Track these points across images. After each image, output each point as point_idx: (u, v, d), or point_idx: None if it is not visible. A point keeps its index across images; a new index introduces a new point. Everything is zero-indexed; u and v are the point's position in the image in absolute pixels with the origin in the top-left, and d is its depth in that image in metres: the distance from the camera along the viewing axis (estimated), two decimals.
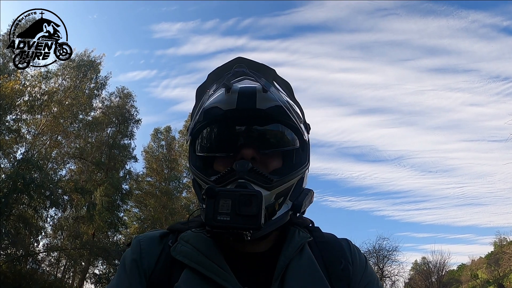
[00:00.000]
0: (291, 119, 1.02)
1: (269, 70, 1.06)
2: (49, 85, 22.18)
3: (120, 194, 24.31)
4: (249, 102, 1.00)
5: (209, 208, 0.83)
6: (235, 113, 1.01)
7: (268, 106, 1.00)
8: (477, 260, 49.32)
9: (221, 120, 1.02)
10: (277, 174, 0.97)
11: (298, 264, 0.95)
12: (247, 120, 1.01)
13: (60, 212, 21.83)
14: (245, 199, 0.83)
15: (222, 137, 1.04)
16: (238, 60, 1.05)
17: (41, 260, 21.42)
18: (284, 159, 1.04)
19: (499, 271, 41.33)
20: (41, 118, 21.61)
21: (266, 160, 0.99)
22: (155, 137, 31.20)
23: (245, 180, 0.91)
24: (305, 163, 1.04)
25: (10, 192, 17.19)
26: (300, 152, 1.05)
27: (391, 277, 27.24)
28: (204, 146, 1.06)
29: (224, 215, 0.82)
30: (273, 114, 1.01)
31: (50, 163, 22.46)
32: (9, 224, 17.98)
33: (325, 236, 1.09)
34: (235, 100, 1.00)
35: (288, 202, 0.99)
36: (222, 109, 1.01)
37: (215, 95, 1.04)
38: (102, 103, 27.05)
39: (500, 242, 43.64)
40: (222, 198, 0.83)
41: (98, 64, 25.25)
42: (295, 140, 1.05)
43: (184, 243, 0.96)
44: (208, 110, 1.02)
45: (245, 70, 1.02)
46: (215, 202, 0.83)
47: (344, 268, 1.00)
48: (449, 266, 39.02)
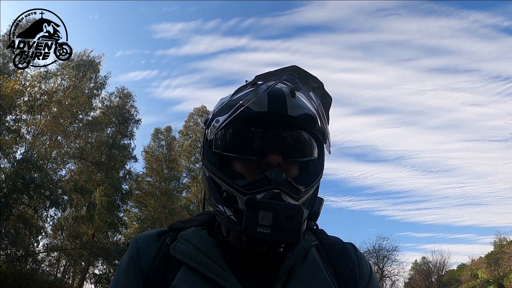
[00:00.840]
0: (317, 129, 1.03)
1: (316, 82, 1.02)
2: (48, 85, 22.18)
3: (120, 194, 24.31)
4: (280, 106, 0.99)
5: (249, 219, 0.83)
6: (265, 116, 0.99)
7: (299, 113, 1.00)
8: (477, 260, 49.34)
9: (250, 120, 1.00)
10: (297, 182, 0.96)
11: (302, 267, 0.94)
12: (277, 125, 1.00)
13: (60, 212, 21.88)
14: (287, 213, 0.83)
15: (250, 138, 1.01)
16: (292, 68, 0.99)
17: (41, 260, 21.44)
18: (302, 167, 1.04)
19: (499, 271, 41.36)
20: (41, 118, 21.60)
21: (287, 167, 0.98)
22: (156, 137, 31.23)
23: (279, 191, 0.90)
24: (321, 172, 1.05)
25: (10, 192, 17.19)
26: (316, 161, 1.06)
27: (391, 277, 27.26)
28: (227, 144, 1.02)
29: (264, 227, 0.82)
30: (302, 122, 1.00)
31: (50, 163, 22.47)
32: (9, 224, 17.99)
33: (331, 239, 1.10)
34: (266, 103, 0.99)
35: (305, 211, 0.98)
36: (253, 110, 0.98)
37: (243, 92, 1.01)
38: (102, 103, 27.09)
39: (500, 242, 43.66)
40: (263, 209, 0.83)
41: (98, 64, 25.26)
42: (315, 150, 1.06)
43: (184, 241, 0.96)
44: (237, 109, 0.97)
45: (293, 78, 0.98)
46: (255, 214, 0.83)
47: (351, 270, 1.00)
48: (449, 266, 39.03)
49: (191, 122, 31.40)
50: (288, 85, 1.02)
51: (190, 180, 29.66)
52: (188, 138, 30.71)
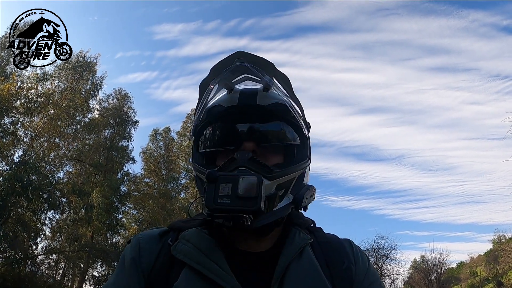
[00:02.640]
0: (291, 116, 1.04)
1: (268, 64, 1.06)
2: (45, 87, 22.12)
3: (118, 196, 24.26)
4: (250, 99, 1.04)
5: (209, 192, 0.84)
6: (236, 109, 1.04)
7: (269, 103, 1.04)
8: (476, 258, 49.60)
9: (223, 117, 1.05)
10: (278, 167, 0.98)
11: (298, 266, 0.94)
12: (248, 116, 1.04)
13: (58, 214, 21.81)
14: (245, 182, 0.84)
15: (224, 132, 1.06)
16: (239, 54, 1.04)
17: (40, 263, 21.41)
18: (285, 155, 1.05)
19: (498, 268, 41.55)
20: (38, 120, 21.53)
21: (267, 155, 1.01)
22: (154, 138, 31.19)
23: (245, 168, 0.92)
24: (305, 159, 1.06)
25: (8, 194, 17.13)
26: (301, 148, 1.06)
27: (390, 276, 27.32)
28: (206, 143, 1.08)
29: (224, 198, 0.83)
30: (274, 111, 1.04)
31: (47, 166, 22.40)
32: (8, 227, 17.93)
33: (327, 236, 1.10)
34: (237, 98, 1.05)
35: (289, 196, 1.00)
36: (223, 106, 1.04)
37: (218, 96, 1.08)
38: (99, 104, 27.05)
39: (499, 240, 43.85)
40: (222, 182, 0.84)
41: (94, 64, 25.24)
42: (295, 137, 1.07)
43: (185, 242, 0.96)
44: (210, 109, 1.06)
45: (245, 64, 1.02)
46: (215, 186, 0.84)
47: (346, 268, 1.00)
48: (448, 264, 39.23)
49: (189, 123, 31.36)
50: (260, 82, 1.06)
51: (188, 181, 29.61)
52: (186, 139, 30.66)
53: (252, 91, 1.06)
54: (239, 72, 1.06)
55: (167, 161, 30.22)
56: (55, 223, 22.71)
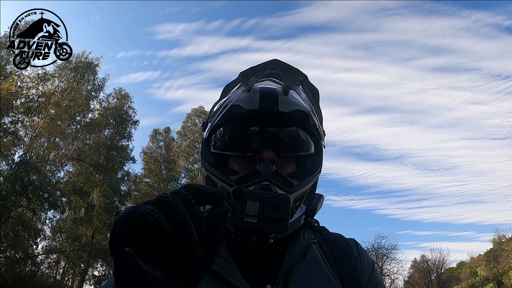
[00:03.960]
0: (311, 124, 1.05)
1: (300, 75, 1.07)
2: (46, 87, 22.14)
3: (118, 195, 24.28)
4: (272, 103, 1.03)
5: (235, 209, 0.81)
6: (257, 113, 1.02)
7: (290, 109, 1.03)
8: (476, 258, 49.55)
9: (242, 119, 1.03)
10: (293, 177, 0.98)
11: (302, 265, 0.95)
12: (269, 122, 1.03)
13: (58, 214, 21.83)
14: (274, 202, 0.81)
15: (243, 136, 1.05)
16: (273, 62, 1.04)
17: (40, 263, 21.39)
18: (298, 163, 1.06)
19: (498, 268, 41.53)
20: (39, 120, 21.54)
21: (283, 164, 1.01)
22: (154, 138, 31.17)
23: (269, 183, 0.92)
24: (319, 168, 1.06)
25: (8, 194, 17.14)
26: (314, 157, 1.07)
27: (390, 276, 27.31)
28: (222, 144, 1.07)
29: (251, 217, 0.80)
30: (295, 118, 1.03)
31: (48, 165, 22.41)
32: (8, 227, 17.93)
33: (333, 235, 1.10)
34: (257, 100, 1.03)
35: (302, 206, 1.01)
36: (244, 108, 1.02)
37: (236, 94, 1.05)
38: (99, 104, 27.06)
39: (499, 239, 43.84)
40: (250, 200, 0.81)
41: (96, 65, 25.25)
42: (311, 146, 1.08)
43: None
44: (229, 108, 1.02)
45: (278, 73, 1.02)
46: (242, 203, 0.81)
47: (353, 266, 1.00)
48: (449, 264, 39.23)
49: (189, 123, 31.36)
50: (281, 84, 1.06)
51: (188, 180, 29.58)
52: (186, 138, 30.66)
53: (272, 92, 1.05)
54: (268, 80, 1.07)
55: (167, 161, 30.21)
56: (55, 222, 22.75)
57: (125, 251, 0.55)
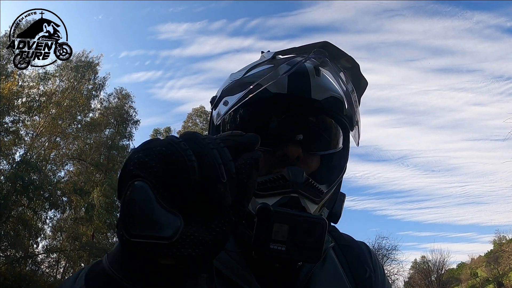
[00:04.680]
0: (343, 114, 0.91)
1: (350, 62, 0.91)
2: (47, 87, 22.16)
3: None
4: (303, 87, 0.86)
5: (260, 232, 0.69)
6: (285, 99, 0.86)
7: (324, 97, 0.87)
8: (477, 259, 49.44)
9: (266, 103, 0.87)
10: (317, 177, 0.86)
11: (322, 272, 0.86)
12: (298, 110, 0.88)
13: (59, 213, 21.80)
14: (307, 227, 0.70)
15: (265, 125, 0.89)
16: (323, 44, 0.86)
17: (40, 262, 21.39)
18: (324, 159, 0.94)
19: (499, 269, 41.45)
20: (39, 119, 21.56)
21: (307, 160, 0.87)
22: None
23: (298, 195, 0.79)
24: (344, 165, 0.94)
25: (9, 194, 17.14)
26: (342, 152, 0.95)
27: (391, 276, 27.29)
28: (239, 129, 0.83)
29: (279, 244, 0.69)
30: (328, 107, 0.88)
31: (48, 165, 22.38)
32: (9, 226, 17.94)
33: (345, 238, 1.02)
34: (286, 83, 0.85)
35: (324, 211, 0.89)
36: (270, 91, 0.85)
37: (260, 70, 0.88)
38: (100, 104, 27.06)
39: (499, 241, 43.75)
40: (277, 221, 0.69)
41: (96, 64, 25.24)
42: (340, 139, 0.95)
43: None
44: (252, 89, 0.83)
45: (322, 57, 0.85)
46: (268, 226, 0.69)
47: (369, 276, 0.94)
48: (449, 265, 39.16)
49: (190, 123, 31.37)
50: (313, 61, 0.89)
51: None
52: None
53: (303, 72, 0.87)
54: None
55: None
56: (56, 222, 22.75)
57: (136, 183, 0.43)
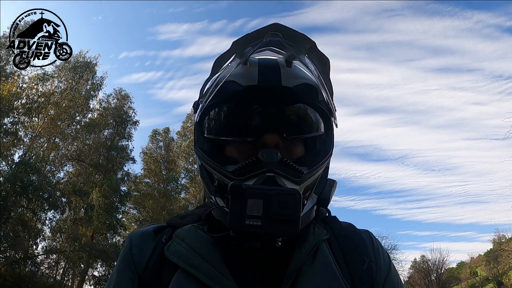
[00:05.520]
0: (320, 100, 0.91)
1: (307, 42, 0.90)
2: (45, 87, 22.13)
3: (118, 195, 24.26)
4: (273, 77, 0.87)
5: (234, 210, 0.71)
6: (256, 90, 0.86)
7: (296, 83, 0.87)
8: (476, 258, 49.55)
9: (239, 97, 0.87)
10: (302, 163, 0.85)
11: (312, 268, 0.80)
12: (271, 100, 0.87)
13: (58, 214, 21.80)
14: (280, 199, 0.71)
15: (241, 118, 0.89)
16: (274, 27, 0.87)
17: (40, 263, 21.36)
18: (306, 146, 0.92)
19: (498, 268, 41.52)
20: (38, 120, 21.53)
21: (289, 147, 0.86)
22: (154, 138, 31.17)
23: (274, 174, 0.78)
24: (330, 150, 0.92)
25: (8, 195, 17.13)
26: (324, 137, 0.93)
27: None
28: (216, 127, 0.91)
29: (254, 219, 0.70)
30: (301, 94, 0.88)
31: (48, 166, 22.38)
32: (8, 227, 17.93)
33: (344, 228, 0.96)
34: (256, 75, 0.87)
35: (313, 196, 0.89)
36: (241, 85, 0.86)
37: (231, 67, 0.88)
38: (99, 104, 27.05)
39: (499, 240, 43.84)
40: (251, 197, 0.71)
41: (94, 64, 25.23)
42: (320, 125, 0.93)
43: (179, 241, 0.83)
44: (223, 85, 0.85)
45: (280, 40, 0.86)
46: (242, 203, 0.71)
47: (367, 268, 0.86)
48: (449, 264, 39.23)
49: (189, 123, 31.35)
50: (283, 54, 0.91)
51: (188, 181, 29.59)
52: (186, 139, 30.65)
53: (272, 64, 0.89)
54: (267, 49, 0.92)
55: (167, 161, 30.21)
56: (55, 223, 22.75)
57: None
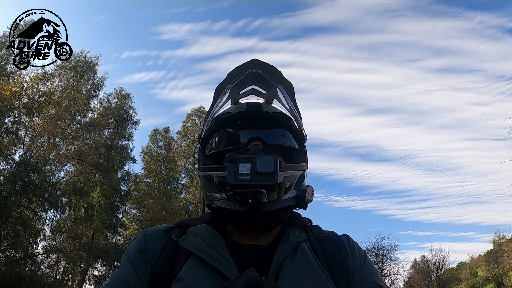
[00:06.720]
0: (292, 124, 1.18)
1: (277, 72, 1.18)
2: (46, 87, 22.13)
3: (118, 195, 24.27)
4: (257, 107, 1.17)
5: (230, 171, 0.94)
6: (244, 114, 1.15)
7: (273, 111, 1.17)
8: (477, 258, 49.56)
9: (231, 121, 1.16)
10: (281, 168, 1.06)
11: (292, 262, 0.98)
12: (256, 120, 1.15)
13: (58, 214, 21.79)
14: (263, 160, 0.94)
15: (233, 133, 1.16)
16: (253, 62, 1.16)
17: (40, 262, 21.36)
18: (286, 158, 1.15)
19: (498, 268, 41.50)
20: (39, 120, 21.54)
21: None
22: (154, 138, 31.18)
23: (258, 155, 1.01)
24: (304, 163, 1.15)
25: (8, 194, 17.15)
26: (299, 153, 1.17)
27: (390, 276, 27.27)
28: (215, 145, 1.16)
29: (244, 175, 0.92)
30: (277, 118, 1.16)
31: (48, 165, 22.39)
32: (8, 227, 17.94)
33: (325, 232, 1.14)
34: (244, 106, 1.17)
35: (293, 191, 1.07)
36: (232, 113, 1.16)
37: (224, 107, 1.19)
38: (100, 104, 27.06)
39: (499, 240, 43.81)
40: (242, 162, 0.94)
41: (95, 64, 25.24)
42: (295, 143, 1.18)
43: (193, 235, 1.02)
44: (219, 116, 1.16)
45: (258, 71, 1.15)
46: (235, 166, 0.94)
47: (344, 259, 1.04)
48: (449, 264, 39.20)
49: (189, 123, 31.40)
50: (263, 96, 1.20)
51: (188, 180, 29.64)
52: (187, 139, 30.71)
53: (256, 103, 1.19)
54: (250, 80, 1.17)
55: (167, 161, 30.22)
56: (55, 222, 22.71)
57: None
